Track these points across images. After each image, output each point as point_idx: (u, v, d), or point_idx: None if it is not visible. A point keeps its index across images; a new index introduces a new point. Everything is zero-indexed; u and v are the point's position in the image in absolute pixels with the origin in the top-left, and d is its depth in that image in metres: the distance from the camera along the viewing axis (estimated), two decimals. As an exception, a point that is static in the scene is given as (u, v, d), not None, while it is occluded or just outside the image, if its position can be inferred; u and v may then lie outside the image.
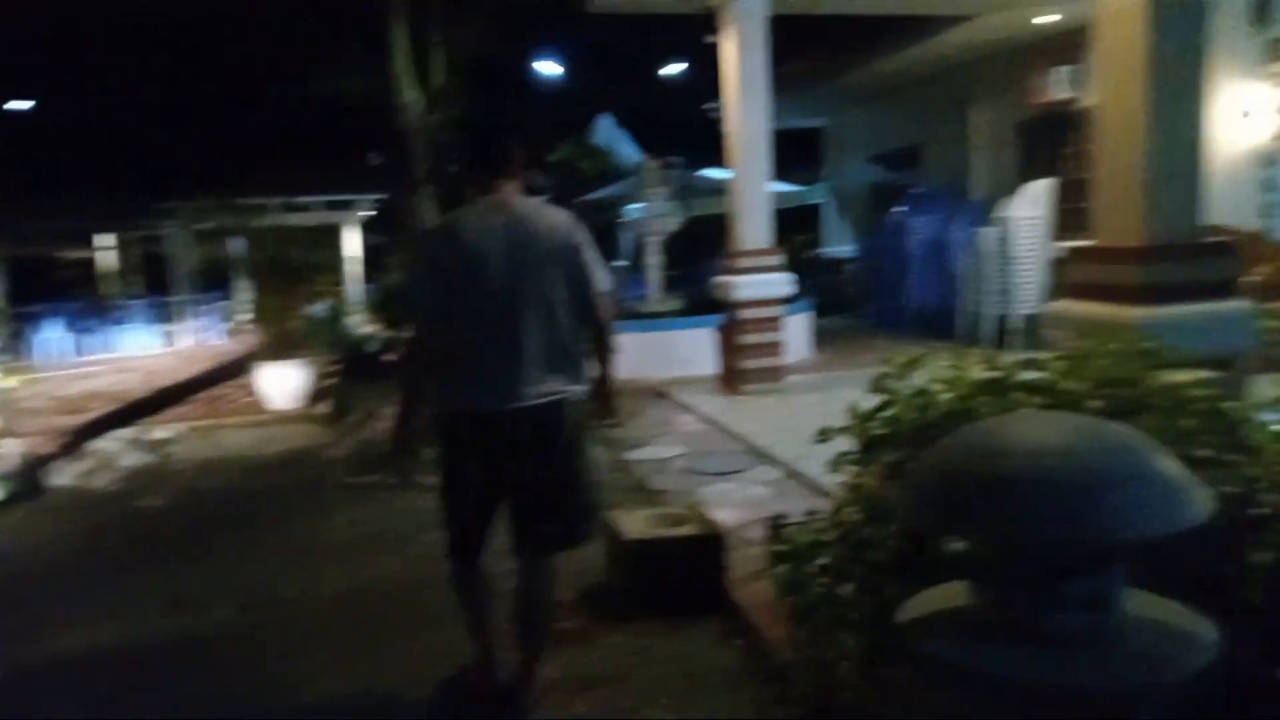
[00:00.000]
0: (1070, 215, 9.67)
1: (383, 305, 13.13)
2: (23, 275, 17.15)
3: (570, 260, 2.87)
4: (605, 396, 3.06)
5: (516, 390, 2.78)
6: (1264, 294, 6.82)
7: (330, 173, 13.86)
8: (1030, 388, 2.37)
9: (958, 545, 1.97)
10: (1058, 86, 9.39)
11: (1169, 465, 1.45)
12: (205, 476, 6.44)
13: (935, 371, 2.52)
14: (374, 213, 16.74)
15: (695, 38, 8.64)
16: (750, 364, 7.51)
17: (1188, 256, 3.48)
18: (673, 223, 10.55)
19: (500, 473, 2.86)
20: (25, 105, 18.21)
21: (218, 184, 9.45)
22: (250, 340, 11.17)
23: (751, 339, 7.53)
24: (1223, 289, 3.51)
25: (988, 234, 9.37)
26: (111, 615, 3.94)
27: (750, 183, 7.70)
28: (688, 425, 6.73)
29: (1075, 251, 3.91)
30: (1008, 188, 10.04)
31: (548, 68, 18.09)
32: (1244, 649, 1.65)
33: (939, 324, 10.24)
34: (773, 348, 7.62)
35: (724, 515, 4.42)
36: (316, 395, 8.55)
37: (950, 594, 1.66)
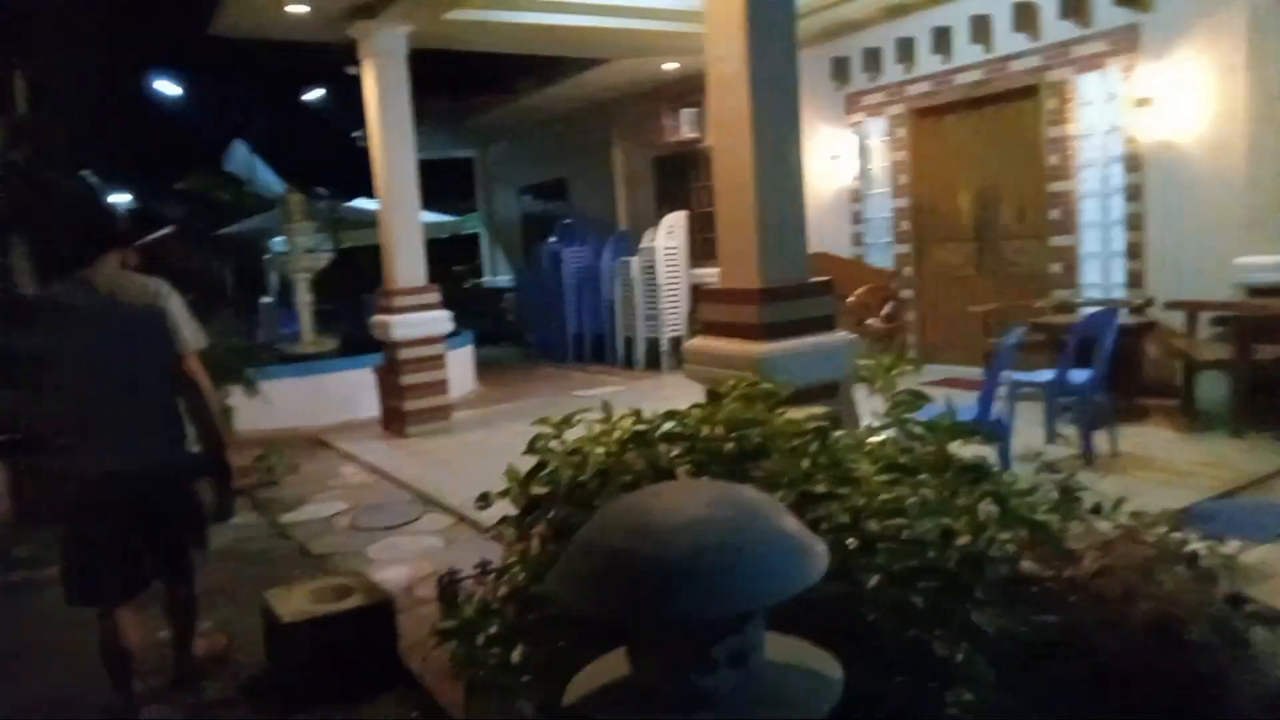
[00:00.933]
0: (702, 244, 10.63)
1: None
2: None
3: (156, 325, 3.08)
4: (219, 455, 3.27)
5: (115, 455, 2.96)
6: (861, 311, 7.95)
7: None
8: (673, 437, 2.54)
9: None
10: (685, 127, 10.25)
11: (791, 526, 1.61)
12: None
13: (588, 427, 2.62)
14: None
15: (339, 63, 8.28)
16: (413, 405, 7.34)
17: (797, 296, 3.93)
18: (322, 258, 10.04)
19: (114, 529, 3.02)
20: None
21: None
22: None
23: (413, 379, 7.36)
24: (826, 323, 4.01)
25: (634, 263, 9.99)
26: None
27: (401, 218, 7.53)
28: (351, 476, 6.43)
29: (705, 294, 4.26)
30: (649, 219, 10.79)
31: (170, 90, 16.46)
32: (863, 664, 1.88)
33: (596, 349, 10.74)
34: (436, 386, 7.50)
35: (394, 573, 4.28)
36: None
37: (619, 661, 1.73)
